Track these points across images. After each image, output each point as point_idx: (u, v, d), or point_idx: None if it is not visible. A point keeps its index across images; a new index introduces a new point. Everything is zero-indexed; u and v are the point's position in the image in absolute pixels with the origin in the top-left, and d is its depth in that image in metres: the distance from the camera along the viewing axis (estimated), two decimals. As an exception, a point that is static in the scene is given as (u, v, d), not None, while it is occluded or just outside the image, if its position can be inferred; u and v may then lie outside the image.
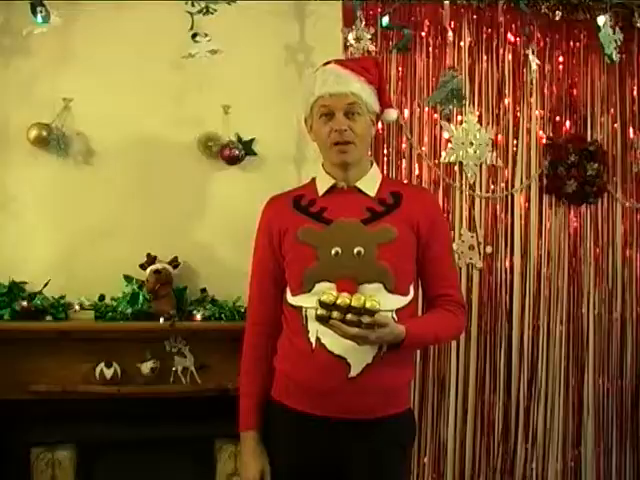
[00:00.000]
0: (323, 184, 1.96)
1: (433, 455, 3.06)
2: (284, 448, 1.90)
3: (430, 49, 3.02)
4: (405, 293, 1.87)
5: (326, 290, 1.73)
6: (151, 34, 2.61)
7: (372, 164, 2.00)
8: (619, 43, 2.88)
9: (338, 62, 1.97)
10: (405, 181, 2.94)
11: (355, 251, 1.83)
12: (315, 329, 1.82)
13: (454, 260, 2.11)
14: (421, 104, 3.02)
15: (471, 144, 3.05)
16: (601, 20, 2.81)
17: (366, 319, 1.68)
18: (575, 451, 3.20)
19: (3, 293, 2.50)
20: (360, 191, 1.93)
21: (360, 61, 2.07)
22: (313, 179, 2.02)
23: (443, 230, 2.01)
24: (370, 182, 1.94)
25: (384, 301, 1.78)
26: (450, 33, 2.95)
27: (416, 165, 3.02)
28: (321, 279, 1.84)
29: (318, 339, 1.82)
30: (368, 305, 1.68)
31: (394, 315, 1.83)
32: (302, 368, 1.85)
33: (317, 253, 1.85)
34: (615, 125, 3.23)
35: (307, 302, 1.84)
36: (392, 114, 2.06)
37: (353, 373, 1.80)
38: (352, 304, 1.67)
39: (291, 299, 1.90)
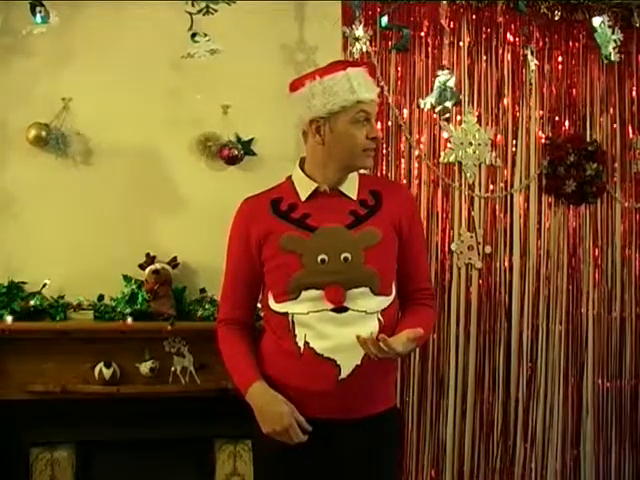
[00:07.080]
0: (304, 188, 1.90)
1: (432, 454, 3.06)
2: (275, 450, 1.86)
3: (429, 49, 3.03)
4: (389, 293, 1.87)
5: None
6: (151, 34, 2.60)
7: None
8: (618, 43, 2.88)
9: (355, 64, 1.97)
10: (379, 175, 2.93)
11: (342, 257, 1.81)
12: (303, 333, 1.80)
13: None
14: (421, 104, 3.02)
15: (470, 144, 3.05)
16: (596, 21, 2.81)
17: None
18: (574, 450, 3.21)
19: (2, 293, 2.50)
20: (341, 194, 1.90)
21: (369, 67, 2.04)
22: (289, 179, 1.96)
23: (420, 226, 2.05)
24: (351, 184, 1.92)
25: (370, 304, 1.80)
26: (449, 33, 2.95)
27: (415, 165, 3.03)
28: (308, 286, 1.81)
29: (307, 343, 1.80)
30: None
31: (379, 316, 1.83)
32: (291, 372, 1.83)
33: (302, 260, 1.82)
34: (614, 125, 3.23)
35: (294, 308, 1.82)
36: None
37: (343, 375, 1.79)
38: None
39: (275, 306, 1.86)
